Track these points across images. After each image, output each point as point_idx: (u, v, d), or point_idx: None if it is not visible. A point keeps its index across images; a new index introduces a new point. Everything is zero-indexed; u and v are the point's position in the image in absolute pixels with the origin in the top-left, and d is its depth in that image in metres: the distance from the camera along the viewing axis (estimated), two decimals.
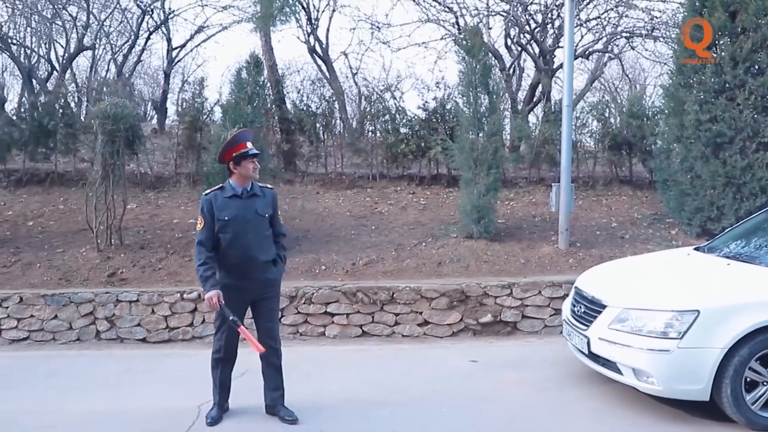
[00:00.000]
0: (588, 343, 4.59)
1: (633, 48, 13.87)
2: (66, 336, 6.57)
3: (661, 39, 12.34)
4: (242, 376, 4.59)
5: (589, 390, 4.83)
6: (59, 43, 13.98)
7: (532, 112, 13.07)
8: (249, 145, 4.21)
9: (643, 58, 15.11)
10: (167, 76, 14.86)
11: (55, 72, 13.60)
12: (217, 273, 4.20)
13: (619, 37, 13.14)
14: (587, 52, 13.58)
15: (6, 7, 12.44)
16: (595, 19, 12.59)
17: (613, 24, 12.65)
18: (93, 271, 7.17)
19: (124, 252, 7.50)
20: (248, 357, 4.39)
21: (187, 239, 7.82)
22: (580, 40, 13.38)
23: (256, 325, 4.35)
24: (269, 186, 4.48)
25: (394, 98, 10.59)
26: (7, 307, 6.53)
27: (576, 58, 13.09)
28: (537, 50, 12.85)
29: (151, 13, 13.20)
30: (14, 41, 13.11)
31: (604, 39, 13.18)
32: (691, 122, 7.85)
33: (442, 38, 12.97)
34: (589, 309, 4.72)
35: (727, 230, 5.84)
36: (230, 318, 4.07)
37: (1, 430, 4.25)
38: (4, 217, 8.40)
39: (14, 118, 10.25)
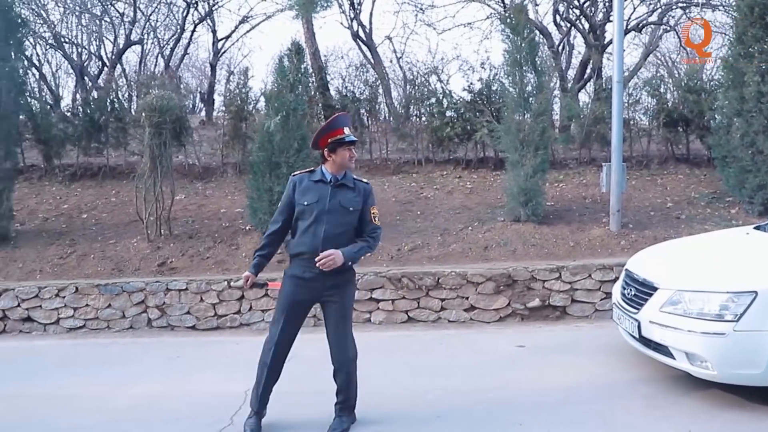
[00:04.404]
0: (639, 327, 4.42)
1: (690, 19, 13.25)
2: (119, 324, 6.73)
3: (721, 8, 11.73)
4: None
5: (641, 375, 4.66)
6: (108, 40, 14.31)
7: (583, 91, 12.62)
8: (346, 131, 3.81)
9: None
10: (213, 67, 15.11)
11: (105, 68, 13.94)
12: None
13: (674, 7, 12.56)
14: (640, 26, 13.02)
15: (58, 6, 12.84)
16: None
17: None
18: (144, 261, 7.34)
19: (173, 242, 7.65)
20: None
21: (234, 228, 7.92)
22: (632, 13, 12.85)
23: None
24: (364, 180, 4.03)
25: (441, 81, 10.43)
26: (64, 297, 6.74)
27: (628, 32, 12.60)
28: (587, 25, 12.42)
29: (195, 5, 13.39)
30: (66, 40, 13.51)
31: (659, 10, 12.63)
32: (752, 94, 7.44)
33: (487, 17, 12.71)
34: (640, 291, 4.53)
35: None
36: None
37: (66, 413, 4.37)
38: (60, 210, 8.68)
39: (68, 114, 10.61)
